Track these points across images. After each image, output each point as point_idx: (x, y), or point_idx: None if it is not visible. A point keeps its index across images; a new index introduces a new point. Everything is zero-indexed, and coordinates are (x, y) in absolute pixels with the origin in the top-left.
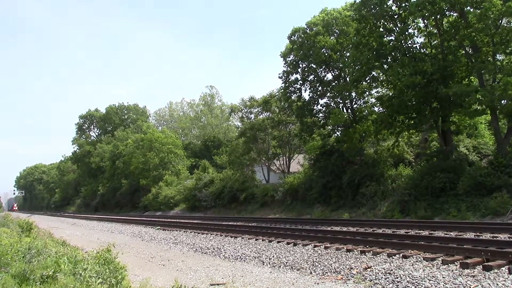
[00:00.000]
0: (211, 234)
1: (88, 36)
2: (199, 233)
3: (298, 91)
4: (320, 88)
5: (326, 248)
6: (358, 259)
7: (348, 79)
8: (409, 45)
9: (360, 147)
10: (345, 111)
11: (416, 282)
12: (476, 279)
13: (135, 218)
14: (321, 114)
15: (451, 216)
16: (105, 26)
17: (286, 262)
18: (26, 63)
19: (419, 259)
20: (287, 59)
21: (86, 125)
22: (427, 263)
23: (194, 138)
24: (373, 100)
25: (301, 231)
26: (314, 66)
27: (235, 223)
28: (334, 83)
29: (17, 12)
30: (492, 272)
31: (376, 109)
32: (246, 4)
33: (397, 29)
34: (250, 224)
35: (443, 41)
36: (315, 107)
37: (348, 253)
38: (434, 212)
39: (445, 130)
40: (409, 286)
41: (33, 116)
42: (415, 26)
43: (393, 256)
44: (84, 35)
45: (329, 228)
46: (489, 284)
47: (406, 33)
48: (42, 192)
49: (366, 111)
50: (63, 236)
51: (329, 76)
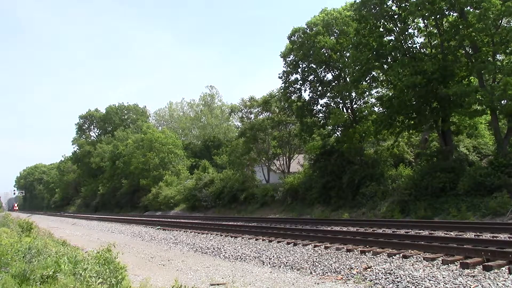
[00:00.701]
0: (211, 234)
1: (88, 36)
2: (199, 233)
3: (298, 91)
4: (320, 88)
5: (326, 248)
6: (358, 259)
7: (348, 79)
8: (409, 45)
9: (360, 147)
10: (345, 111)
11: (416, 282)
12: (476, 279)
13: (135, 218)
14: (321, 114)
15: (451, 216)
16: (105, 26)
17: (286, 262)
18: (26, 63)
19: (419, 259)
20: (287, 59)
21: (86, 125)
22: (427, 263)
23: (194, 138)
24: (373, 100)
25: (301, 231)
26: (314, 66)
27: (235, 223)
28: (334, 83)
29: (17, 12)
30: (492, 272)
31: (376, 109)
32: (246, 4)
33: (397, 29)
34: (250, 224)
35: (443, 41)
36: (315, 107)
37: (348, 253)
38: (434, 212)
39: (445, 130)
40: (409, 286)
41: (33, 116)
42: (415, 26)
43: (393, 256)
44: (84, 35)
45: (329, 228)
46: (489, 284)
47: (406, 33)
48: (42, 192)
49: (366, 111)
50: (63, 236)
51: (329, 76)
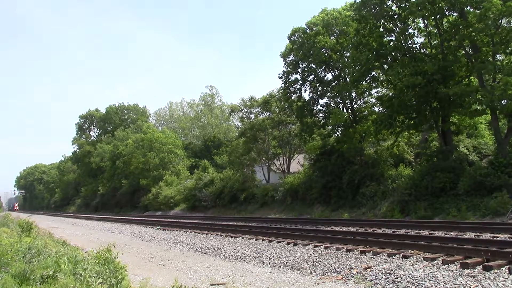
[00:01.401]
0: (211, 234)
1: (88, 36)
2: (199, 233)
3: (298, 91)
4: (320, 88)
5: (326, 248)
6: (358, 259)
7: (348, 79)
8: (409, 45)
9: (360, 147)
10: (345, 111)
11: (416, 282)
12: (476, 279)
13: (135, 218)
14: (321, 114)
15: (451, 216)
16: (105, 26)
17: (286, 262)
18: (26, 63)
19: (419, 259)
20: (287, 59)
21: (86, 125)
22: (427, 263)
23: (194, 138)
24: (373, 100)
25: (301, 231)
26: (314, 66)
27: (235, 223)
28: (334, 83)
29: (17, 12)
30: (492, 272)
31: (376, 109)
32: (246, 4)
33: (397, 29)
34: (250, 224)
35: (443, 41)
36: (315, 107)
37: (348, 253)
38: (434, 212)
39: (445, 130)
40: (409, 286)
41: (33, 116)
42: (415, 26)
43: (393, 256)
44: (84, 35)
45: (329, 228)
46: (489, 284)
47: (406, 33)
48: (42, 192)
49: (366, 111)
50: (63, 236)
51: (329, 76)
